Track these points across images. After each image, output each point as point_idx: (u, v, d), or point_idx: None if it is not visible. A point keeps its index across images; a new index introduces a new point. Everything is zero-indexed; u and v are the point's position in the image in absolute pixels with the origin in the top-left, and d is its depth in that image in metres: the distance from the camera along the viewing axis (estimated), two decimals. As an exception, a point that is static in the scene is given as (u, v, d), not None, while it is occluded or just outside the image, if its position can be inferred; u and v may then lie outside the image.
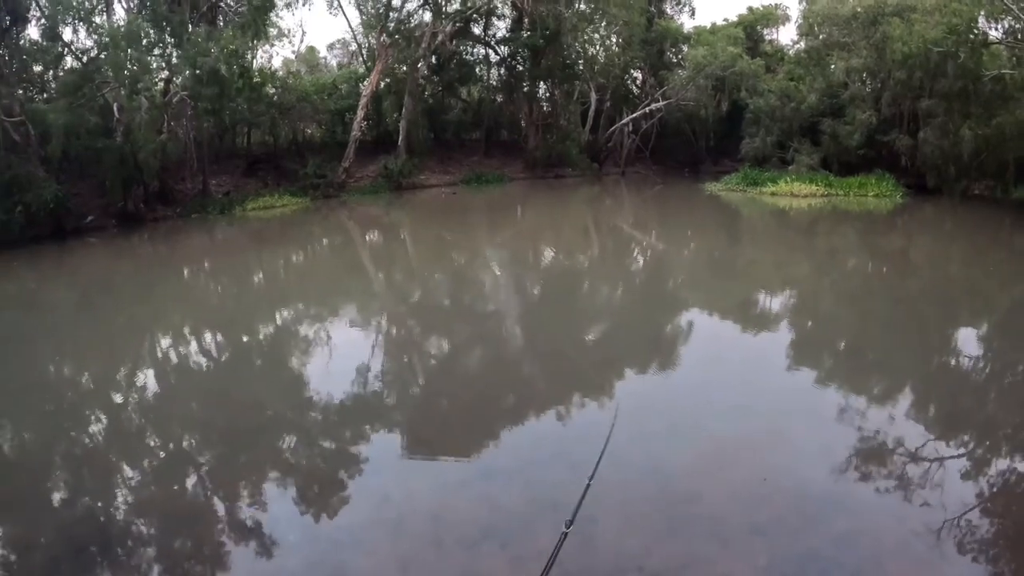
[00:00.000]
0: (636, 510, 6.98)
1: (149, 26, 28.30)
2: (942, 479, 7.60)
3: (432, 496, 7.47)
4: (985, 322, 15.34)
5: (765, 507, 7.05)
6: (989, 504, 7.18)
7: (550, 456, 8.16)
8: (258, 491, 7.78)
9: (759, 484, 7.50)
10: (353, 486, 7.86)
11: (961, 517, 6.74)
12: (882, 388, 10.83)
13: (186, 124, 32.48)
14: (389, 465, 8.33)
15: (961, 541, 6.44)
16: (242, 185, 35.94)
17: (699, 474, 7.72)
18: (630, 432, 8.44)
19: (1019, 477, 7.89)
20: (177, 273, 21.70)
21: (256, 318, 16.00)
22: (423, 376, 11.95)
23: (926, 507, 7.04)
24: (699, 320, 15.13)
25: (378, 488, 7.81)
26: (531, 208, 36.42)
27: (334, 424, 9.63)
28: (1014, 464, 8.16)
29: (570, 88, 47.44)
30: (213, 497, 7.77)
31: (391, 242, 27.04)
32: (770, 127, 40.96)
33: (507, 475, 7.85)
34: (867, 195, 33.88)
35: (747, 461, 8.06)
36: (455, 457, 8.43)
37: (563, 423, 9.09)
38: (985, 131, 31.10)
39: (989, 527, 6.76)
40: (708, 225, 29.99)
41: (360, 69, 45.80)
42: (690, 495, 7.09)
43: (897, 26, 33.42)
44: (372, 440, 9.04)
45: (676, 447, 8.42)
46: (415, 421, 9.75)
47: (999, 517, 6.96)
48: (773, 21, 51.53)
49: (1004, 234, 26.54)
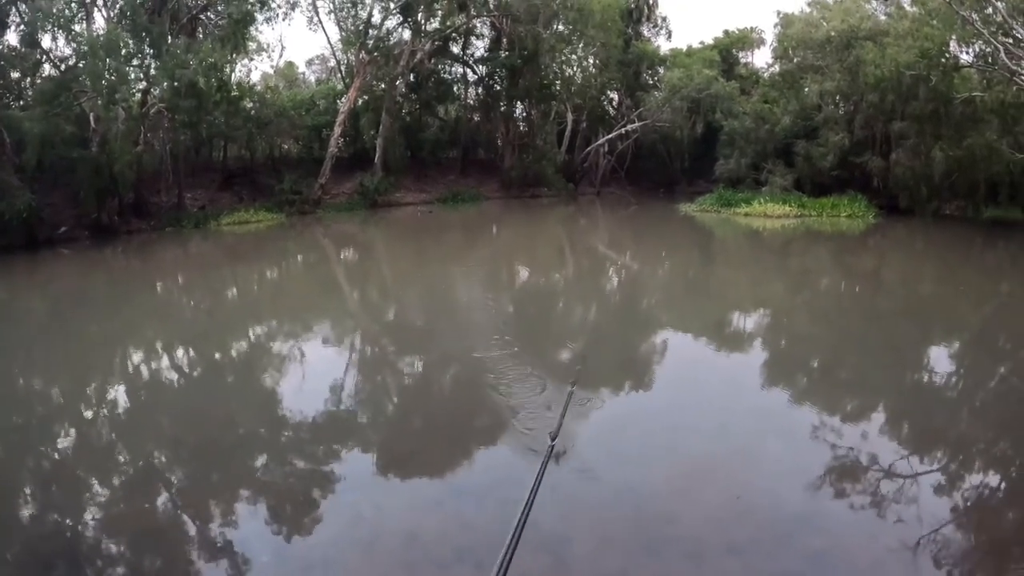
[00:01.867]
0: (611, 530, 6.90)
1: (128, 36, 28.27)
2: (916, 495, 7.57)
3: (405, 515, 7.35)
4: (957, 340, 15.43)
5: (740, 526, 6.99)
6: (964, 519, 7.18)
7: (524, 475, 8.05)
8: (230, 509, 7.64)
9: (734, 503, 7.43)
10: (326, 505, 7.72)
11: (936, 532, 6.72)
12: (855, 406, 10.82)
13: (162, 136, 32.36)
14: (362, 484, 8.20)
15: (936, 556, 6.41)
16: (217, 199, 35.83)
17: (675, 494, 7.65)
18: (605, 452, 8.41)
19: (992, 491, 7.91)
20: (150, 287, 21.48)
21: (229, 334, 15.83)
22: (396, 394, 11.83)
23: (901, 523, 7.01)
24: (674, 340, 15.10)
25: (351, 507, 7.68)
26: (507, 227, 36.42)
27: (307, 442, 9.48)
28: (987, 479, 8.19)
29: (547, 108, 47.74)
30: (184, 515, 7.61)
31: (366, 260, 26.89)
32: (744, 149, 41.31)
33: (481, 494, 7.75)
34: (840, 216, 34.21)
35: (722, 480, 8.00)
36: (429, 476, 8.32)
37: (537, 442, 8.98)
38: (956, 152, 31.68)
39: (964, 542, 6.75)
40: (682, 245, 30.09)
41: (338, 85, 45.90)
42: (666, 515, 7.03)
43: (870, 50, 34.00)
44: (345, 458, 8.92)
45: (651, 467, 8.34)
46: (388, 440, 9.63)
47: (974, 531, 6.96)
48: (748, 44, 52.12)
49: (975, 253, 26.93)
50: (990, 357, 13.90)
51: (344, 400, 11.15)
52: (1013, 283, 21.64)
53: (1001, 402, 11.31)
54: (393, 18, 41.07)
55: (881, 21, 38.02)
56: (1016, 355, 14.14)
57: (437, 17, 42.77)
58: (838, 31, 37.40)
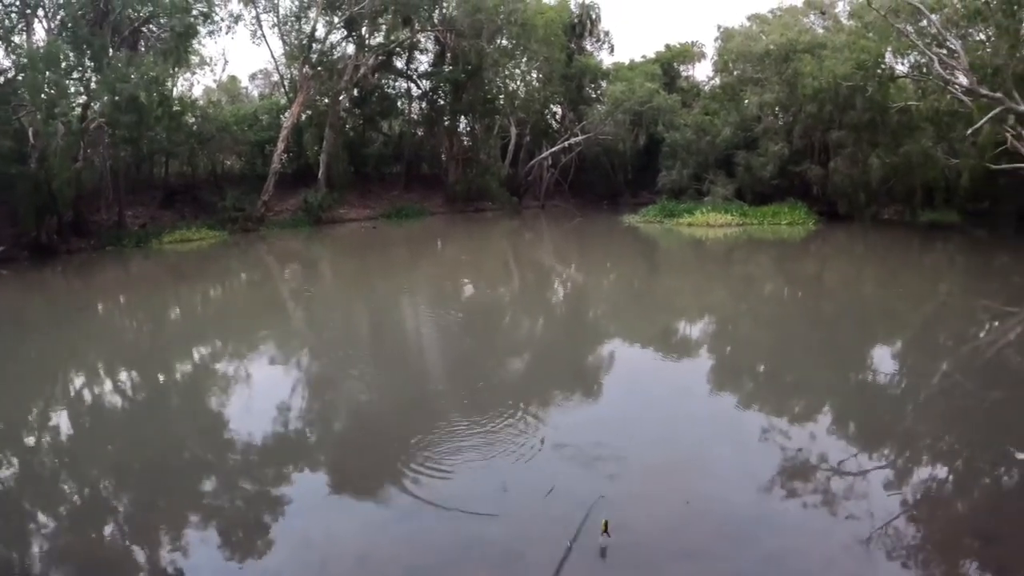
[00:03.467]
0: (564, 539, 6.68)
1: (69, 48, 27.35)
2: (866, 491, 7.54)
3: (356, 537, 7.01)
4: (899, 340, 15.59)
5: (692, 532, 6.87)
6: (913, 512, 7.13)
7: (473, 492, 7.77)
8: (178, 536, 7.18)
9: (685, 509, 7.29)
10: (276, 528, 7.31)
11: (887, 526, 6.65)
12: (802, 408, 10.80)
13: (103, 152, 31.35)
14: (311, 506, 7.77)
15: (889, 550, 6.34)
16: (158, 217, 34.84)
17: (626, 502, 7.44)
18: (555, 463, 8.19)
19: (940, 484, 7.90)
20: (92, 308, 20.69)
21: (172, 356, 15.19)
22: (343, 414, 11.40)
23: (852, 519, 6.95)
24: (620, 350, 14.95)
25: (300, 530, 7.27)
26: (451, 242, 36.11)
27: (254, 464, 9.04)
28: (934, 472, 8.22)
29: (490, 122, 47.57)
30: (130, 543, 7.17)
31: (310, 278, 26.27)
32: (686, 160, 41.68)
33: (431, 513, 7.42)
34: (781, 223, 34.66)
35: (673, 487, 7.83)
36: (378, 496, 7.97)
37: (485, 458, 8.69)
38: (893, 159, 32.54)
39: (915, 533, 6.69)
40: (627, 256, 30.11)
41: (282, 100, 45.07)
42: (617, 524, 6.81)
43: (808, 62, 34.74)
44: (293, 480, 8.47)
45: (602, 475, 8.12)
46: (336, 460, 9.22)
47: (924, 523, 6.91)
48: (689, 58, 52.71)
49: (913, 255, 27.52)
50: (932, 355, 14.05)
51: (290, 420, 10.65)
52: (951, 283, 22.07)
53: (944, 398, 11.37)
54: (337, 32, 40.68)
55: (819, 34, 39.05)
56: (956, 352, 14.27)
57: (381, 32, 42.45)
58: (777, 44, 38.13)
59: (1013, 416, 10.21)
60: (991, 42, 27.94)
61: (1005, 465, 8.65)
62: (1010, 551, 6.48)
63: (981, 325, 16.82)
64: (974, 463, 8.64)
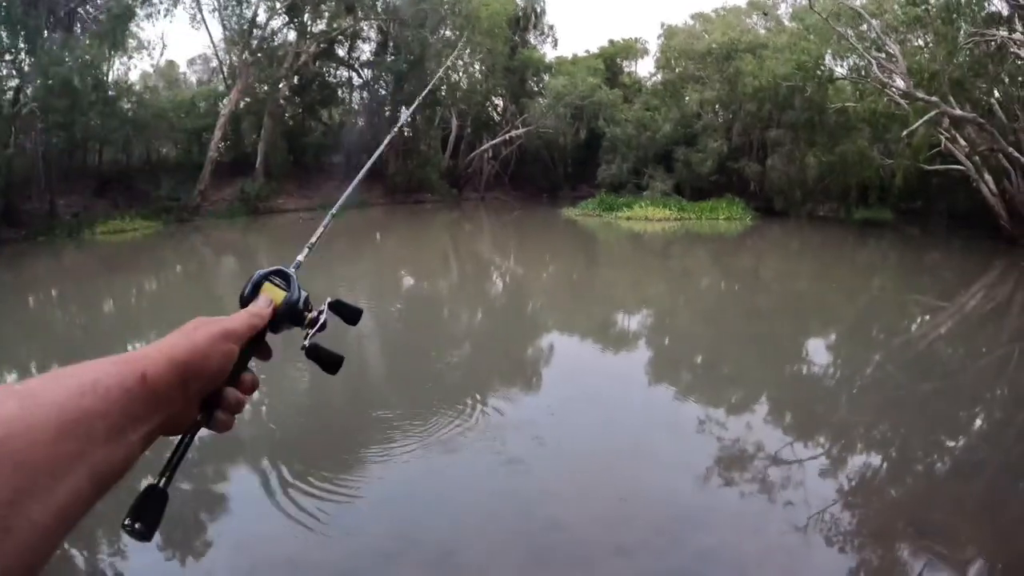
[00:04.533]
0: (498, 540, 6.44)
1: (2, 29, 26.29)
2: (803, 479, 7.43)
3: (287, 540, 6.66)
4: (833, 332, 15.72)
5: (628, 527, 6.65)
6: (850, 500, 7.06)
7: (409, 488, 7.47)
8: (116, 538, 6.73)
9: (621, 504, 7.10)
10: (211, 530, 6.89)
11: (823, 516, 6.56)
12: (738, 399, 10.71)
13: (35, 138, 30.08)
14: (244, 507, 7.39)
15: (826, 538, 6.24)
16: (92, 206, 33.59)
17: (561, 498, 7.24)
18: (492, 458, 7.96)
19: (875, 473, 7.85)
20: (22, 301, 19.80)
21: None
22: (277, 411, 11.00)
23: (790, 507, 6.86)
24: (558, 342, 14.72)
25: (232, 532, 6.86)
26: (391, 234, 35.61)
27: (189, 463, 8.56)
28: (869, 460, 8.17)
29: (431, 113, 47.09)
30: (67, 546, 6.71)
31: (247, 269, 25.51)
32: (626, 155, 42.01)
33: (366, 511, 7.11)
34: (718, 218, 35.04)
35: (609, 481, 7.65)
36: (313, 494, 7.60)
37: (424, 452, 8.40)
38: (829, 158, 33.20)
39: (851, 522, 6.60)
40: (565, 249, 30.00)
41: (220, 87, 44.08)
42: (553, 521, 6.60)
43: (749, 62, 35.25)
44: (229, 480, 8.07)
45: (537, 471, 7.90)
46: (273, 458, 8.81)
47: (860, 511, 6.84)
48: (632, 54, 53.04)
49: (847, 251, 27.98)
50: (865, 347, 14.16)
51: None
52: (883, 278, 22.43)
53: (877, 388, 11.46)
54: (279, 18, 39.80)
55: (760, 35, 39.65)
56: (889, 344, 14.45)
57: (324, 19, 41.56)
58: (719, 43, 38.69)
59: (944, 406, 10.32)
60: (929, 48, 28.53)
61: (937, 454, 8.71)
62: (944, 538, 6.46)
63: (913, 318, 17.09)
64: (907, 452, 8.64)
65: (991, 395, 11.42)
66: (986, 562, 6.26)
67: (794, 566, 6.05)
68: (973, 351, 14.12)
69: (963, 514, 7.02)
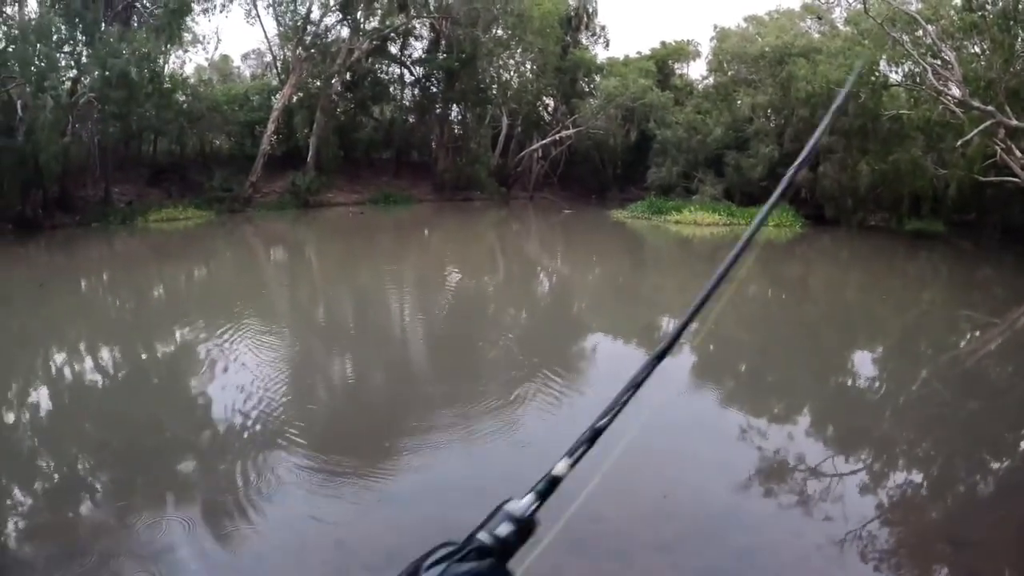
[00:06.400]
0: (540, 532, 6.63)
1: (61, 21, 27.09)
2: (842, 494, 7.54)
3: (335, 521, 6.94)
4: (880, 345, 15.64)
5: (668, 525, 6.86)
6: (888, 515, 7.14)
7: (451, 478, 7.73)
8: (159, 516, 7.03)
9: (663, 502, 7.28)
10: (253, 513, 7.20)
11: (862, 529, 6.65)
12: (782, 408, 10.81)
13: (91, 128, 30.73)
14: (290, 491, 7.66)
15: (863, 552, 6.34)
16: (145, 195, 34.46)
17: (602, 493, 7.39)
18: (535, 455, 8.15)
19: (915, 489, 7.91)
20: (74, 284, 20.44)
21: (155, 335, 14.87)
22: (324, 398, 11.28)
23: (827, 520, 6.95)
24: (602, 344, 14.90)
25: (279, 515, 7.12)
26: (438, 230, 36.02)
27: (233, 447, 8.86)
28: (910, 476, 8.22)
29: (482, 112, 47.29)
30: (109, 524, 7.02)
31: (297, 261, 26.10)
32: (676, 157, 41.76)
33: (409, 498, 7.37)
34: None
35: (652, 479, 7.81)
36: (356, 481, 7.89)
37: (465, 446, 8.65)
38: (882, 167, 32.73)
39: (888, 537, 6.70)
40: (613, 251, 30.09)
41: (273, 81, 44.73)
42: (594, 514, 6.79)
43: (802, 66, 34.83)
44: (271, 464, 8.33)
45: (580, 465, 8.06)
46: (316, 444, 9.05)
47: (898, 526, 6.93)
48: (684, 56, 52.59)
49: (898, 262, 27.59)
50: (912, 362, 14.09)
51: (268, 402, 10.37)
52: (933, 291, 22.21)
53: (922, 404, 11.42)
54: (332, 15, 40.26)
55: (814, 39, 39.05)
56: (936, 360, 14.34)
57: (377, 16, 41.91)
58: (772, 47, 38.25)
59: (989, 425, 10.28)
60: (985, 55, 28.04)
61: (979, 473, 8.72)
62: (980, 557, 6.53)
63: (962, 334, 16.93)
64: (949, 470, 8.69)
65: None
66: (1023, 581, 6.33)
67: (832, 571, 6.17)
68: (1021, 370, 13.98)
69: (1003, 532, 7.07)
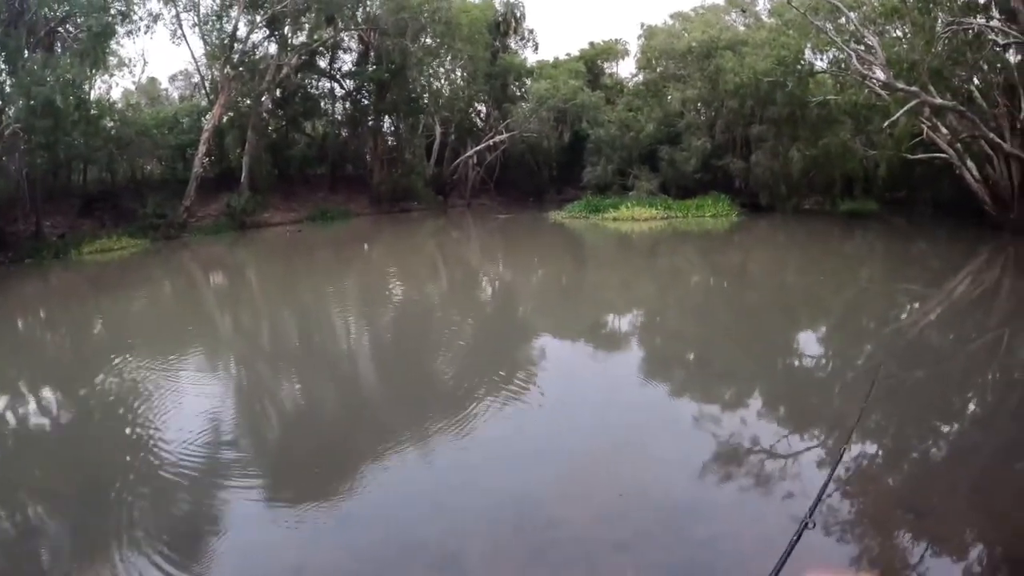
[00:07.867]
0: (500, 540, 6.46)
1: None
2: (799, 472, 7.53)
3: (292, 548, 6.63)
4: (823, 324, 15.82)
5: (627, 523, 6.69)
6: (847, 488, 7.10)
7: (408, 496, 7.45)
8: (119, 555, 6.60)
9: (620, 500, 7.11)
10: (211, 542, 6.82)
11: (822, 505, 6.57)
12: (732, 395, 10.74)
13: (18, 159, 29.62)
14: (247, 519, 7.30)
15: (826, 526, 6.26)
16: (78, 226, 33.30)
17: (559, 496, 7.25)
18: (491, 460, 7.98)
19: (871, 460, 7.91)
20: (11, 324, 19.59)
21: (98, 370, 14.22)
22: (276, 422, 10.82)
23: (788, 499, 6.92)
24: (551, 344, 14.66)
25: (237, 543, 6.76)
26: (378, 244, 35.52)
27: (189, 479, 8.39)
28: (864, 448, 8.18)
29: (415, 122, 47.02)
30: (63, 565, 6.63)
31: (236, 284, 25.35)
32: (611, 156, 42.15)
33: (367, 520, 7.09)
34: (705, 215, 35.24)
35: (607, 478, 7.66)
36: (311, 505, 7.54)
37: (423, 462, 8.37)
38: (812, 152, 33.41)
39: (850, 509, 6.65)
40: (554, 253, 29.96)
41: (203, 102, 43.66)
42: (552, 519, 6.62)
43: (729, 59, 35.51)
44: (229, 492, 7.93)
45: (535, 471, 7.89)
46: (271, 470, 8.69)
47: (858, 498, 6.89)
48: (613, 55, 53.03)
49: (834, 243, 28.22)
50: (855, 337, 14.23)
51: (221, 432, 9.90)
52: (871, 268, 22.59)
53: (869, 377, 11.43)
54: (259, 31, 39.50)
55: (740, 32, 39.88)
56: (879, 333, 14.50)
57: (304, 30, 41.27)
58: (699, 42, 38.89)
59: (937, 393, 10.40)
60: (907, 38, 28.75)
61: (931, 440, 8.76)
62: (941, 522, 6.51)
63: (902, 307, 17.19)
64: (902, 440, 8.71)
65: (982, 379, 11.50)
66: (984, 542, 6.30)
67: (795, 552, 6.06)
68: (963, 337, 14.19)
69: (959, 497, 7.07)
